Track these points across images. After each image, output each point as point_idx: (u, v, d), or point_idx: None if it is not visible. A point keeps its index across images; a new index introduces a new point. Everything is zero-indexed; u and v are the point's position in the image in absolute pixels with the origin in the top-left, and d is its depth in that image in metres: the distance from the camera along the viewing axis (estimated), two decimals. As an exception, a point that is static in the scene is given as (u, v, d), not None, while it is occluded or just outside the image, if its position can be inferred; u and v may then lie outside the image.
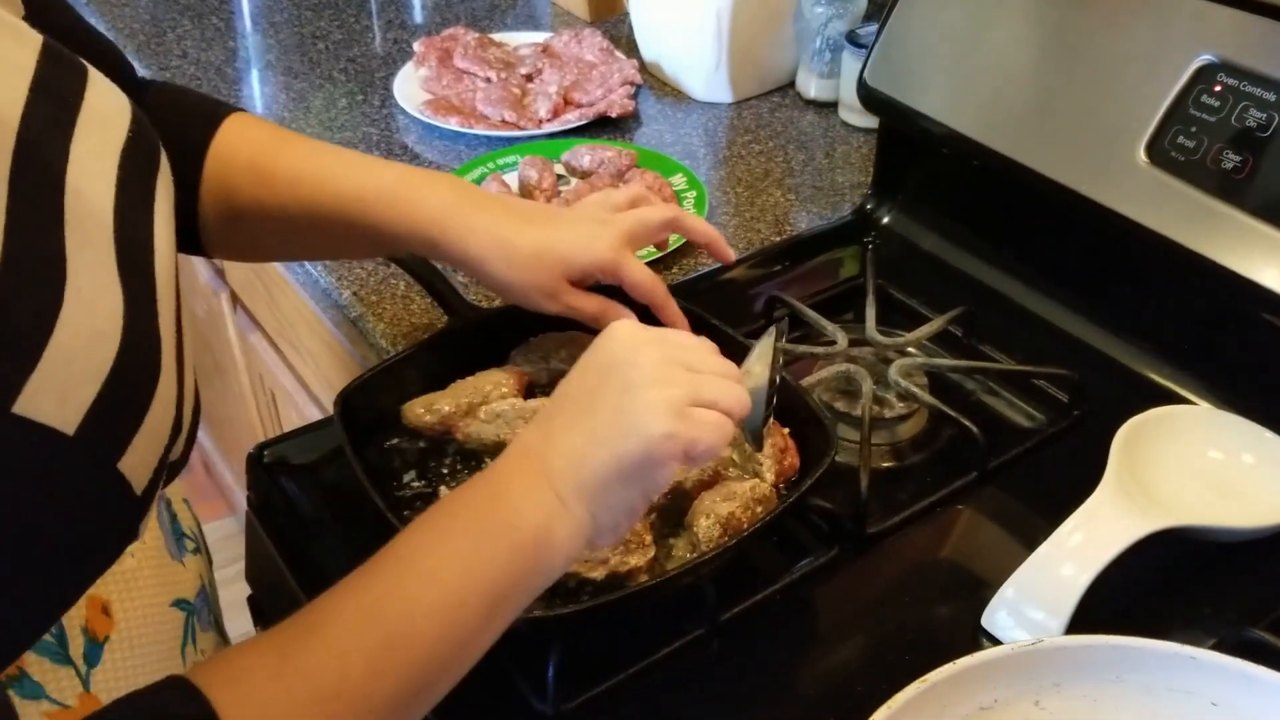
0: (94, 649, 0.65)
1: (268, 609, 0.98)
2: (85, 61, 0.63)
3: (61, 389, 0.50)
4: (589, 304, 0.89)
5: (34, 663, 0.61)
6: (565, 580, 0.78)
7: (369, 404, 0.89)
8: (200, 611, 0.76)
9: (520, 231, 0.86)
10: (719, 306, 1.00)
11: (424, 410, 0.90)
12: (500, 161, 1.35)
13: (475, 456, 0.90)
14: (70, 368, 0.51)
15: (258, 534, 0.94)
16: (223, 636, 0.82)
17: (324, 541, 0.90)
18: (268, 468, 0.95)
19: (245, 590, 1.00)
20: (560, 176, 1.33)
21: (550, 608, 0.76)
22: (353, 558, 0.89)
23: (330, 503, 0.93)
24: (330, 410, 0.96)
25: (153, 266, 0.60)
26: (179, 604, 0.72)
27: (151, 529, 0.70)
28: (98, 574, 0.62)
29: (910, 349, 1.03)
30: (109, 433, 0.54)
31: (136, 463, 0.56)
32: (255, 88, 1.61)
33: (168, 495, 0.75)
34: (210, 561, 0.82)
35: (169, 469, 0.62)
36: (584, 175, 1.32)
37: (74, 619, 0.64)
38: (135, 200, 0.60)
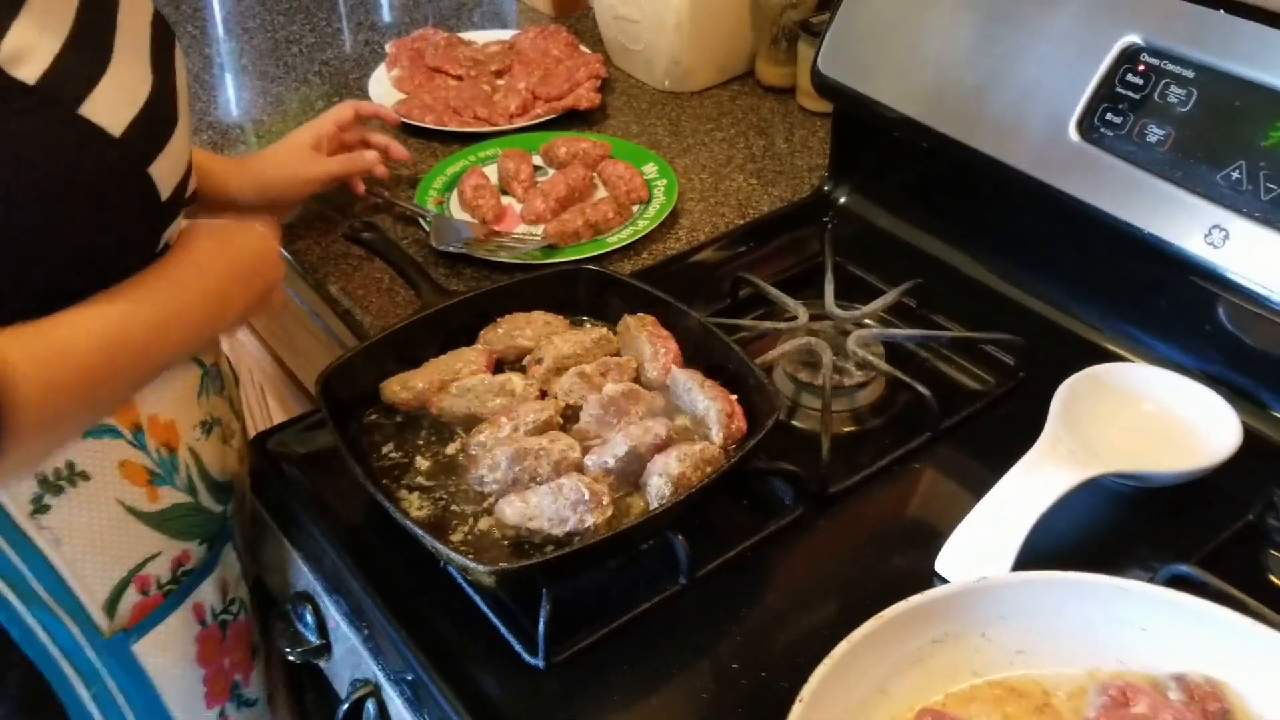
0: None
1: (273, 587, 1.04)
2: None
3: (112, 106, 0.75)
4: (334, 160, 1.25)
5: None
6: (531, 537, 0.85)
7: (349, 384, 0.96)
8: (213, 380, 0.98)
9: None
10: (687, 287, 1.07)
11: (400, 387, 0.97)
12: (481, 154, 1.41)
13: (448, 429, 0.96)
14: (118, 95, 0.76)
15: (260, 516, 1.00)
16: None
17: (322, 516, 0.96)
18: (269, 454, 1.01)
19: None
20: (538, 168, 1.39)
21: (514, 562, 0.84)
22: (346, 529, 0.95)
23: (326, 480, 0.99)
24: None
25: (175, 74, 0.85)
26: (195, 361, 0.94)
27: None
28: (125, 270, 0.80)
29: (867, 320, 1.10)
30: (143, 143, 0.78)
31: (164, 171, 0.80)
32: (231, 93, 1.66)
33: None
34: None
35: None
36: (560, 166, 1.38)
37: None
38: (161, 42, 0.85)
